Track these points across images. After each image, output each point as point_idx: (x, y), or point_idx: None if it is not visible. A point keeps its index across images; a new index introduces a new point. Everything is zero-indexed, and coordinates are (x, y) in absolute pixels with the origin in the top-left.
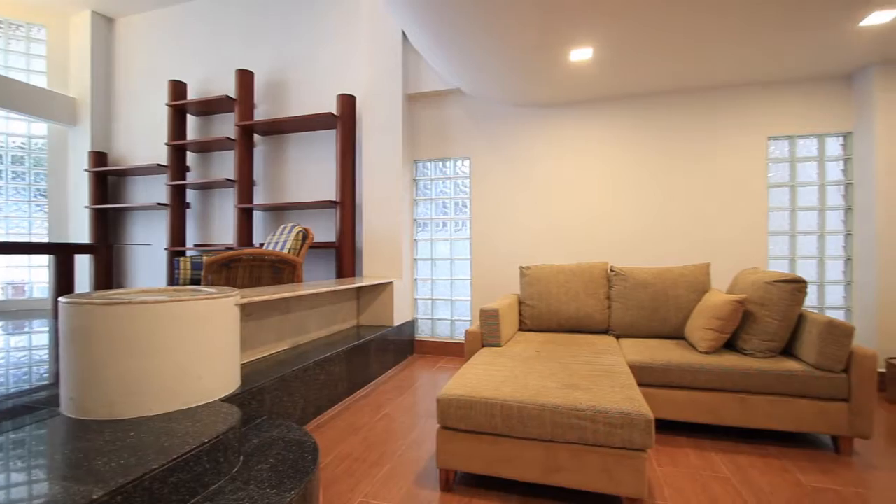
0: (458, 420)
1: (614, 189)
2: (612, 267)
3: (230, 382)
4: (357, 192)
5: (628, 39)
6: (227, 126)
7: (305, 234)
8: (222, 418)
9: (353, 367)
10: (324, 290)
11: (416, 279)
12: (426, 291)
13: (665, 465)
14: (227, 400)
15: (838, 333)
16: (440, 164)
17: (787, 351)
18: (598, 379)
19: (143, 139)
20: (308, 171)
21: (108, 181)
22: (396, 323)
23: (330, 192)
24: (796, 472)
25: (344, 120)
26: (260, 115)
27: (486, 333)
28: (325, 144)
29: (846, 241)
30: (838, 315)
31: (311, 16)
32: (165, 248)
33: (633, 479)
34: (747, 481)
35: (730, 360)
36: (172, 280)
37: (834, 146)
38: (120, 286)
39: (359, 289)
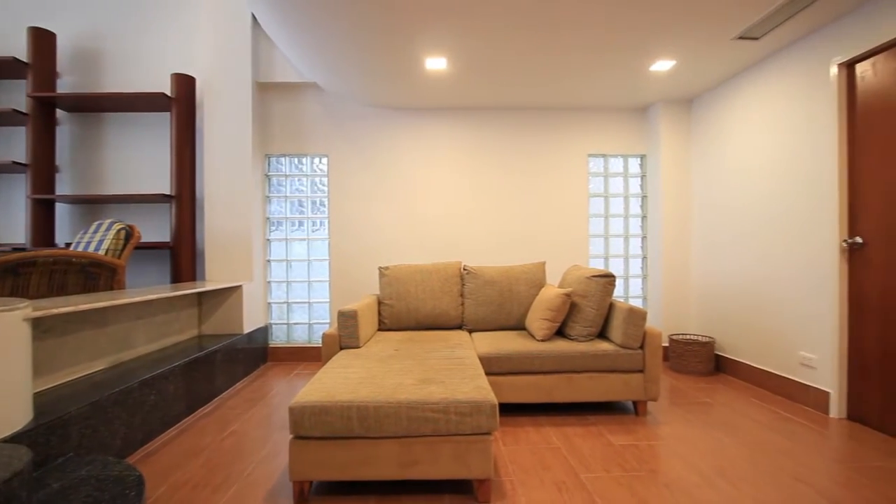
0: (312, 427)
1: (466, 193)
2: (464, 266)
3: (14, 418)
4: (198, 185)
5: (477, 57)
6: (15, 96)
7: (129, 233)
8: (1, 465)
9: (194, 383)
10: (153, 297)
11: (269, 282)
12: (281, 295)
13: (509, 444)
14: (12, 440)
15: (636, 317)
16: (295, 160)
17: (602, 335)
18: (451, 372)
19: None
20: (134, 159)
21: None
22: (247, 330)
23: (163, 184)
24: (608, 434)
25: (180, 103)
26: (66, 86)
27: (344, 335)
28: (157, 130)
29: (643, 242)
30: (638, 302)
31: None
32: None
33: (482, 462)
34: (573, 448)
35: (560, 346)
36: None
37: (634, 165)
38: None
39: (200, 294)
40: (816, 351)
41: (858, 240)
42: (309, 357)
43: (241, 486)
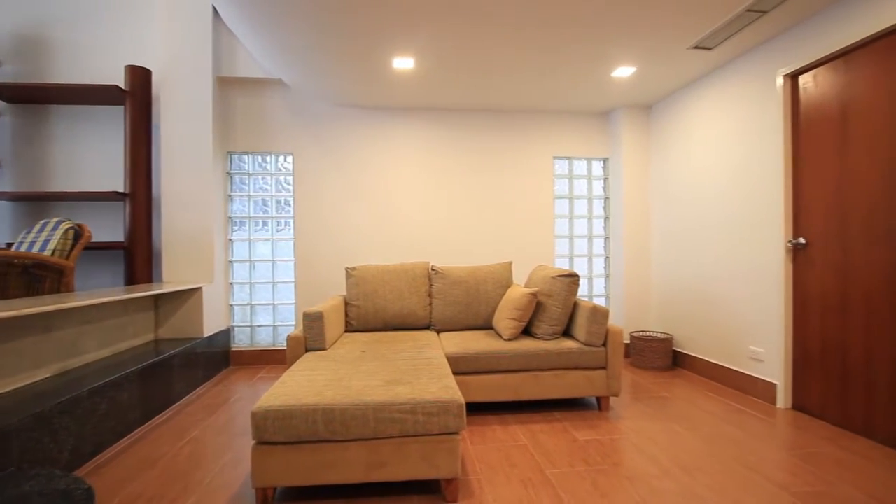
0: (276, 432)
1: (435, 194)
2: (433, 266)
3: None
4: (154, 183)
5: (445, 58)
6: None
7: (78, 232)
8: None
9: (150, 390)
10: (104, 300)
11: (231, 283)
12: (244, 296)
13: (477, 443)
14: None
15: (599, 316)
16: (259, 158)
17: (567, 333)
18: (419, 372)
19: None
20: (84, 155)
21: None
22: (207, 333)
23: (116, 182)
24: (573, 430)
25: (135, 96)
26: (7, 75)
27: (310, 337)
28: (110, 124)
29: (606, 243)
30: (601, 301)
31: None
32: None
33: (449, 461)
34: (539, 445)
35: (526, 345)
36: None
37: (598, 168)
38: None
39: (157, 297)
40: (764, 345)
41: (802, 241)
42: (273, 360)
43: (201, 496)
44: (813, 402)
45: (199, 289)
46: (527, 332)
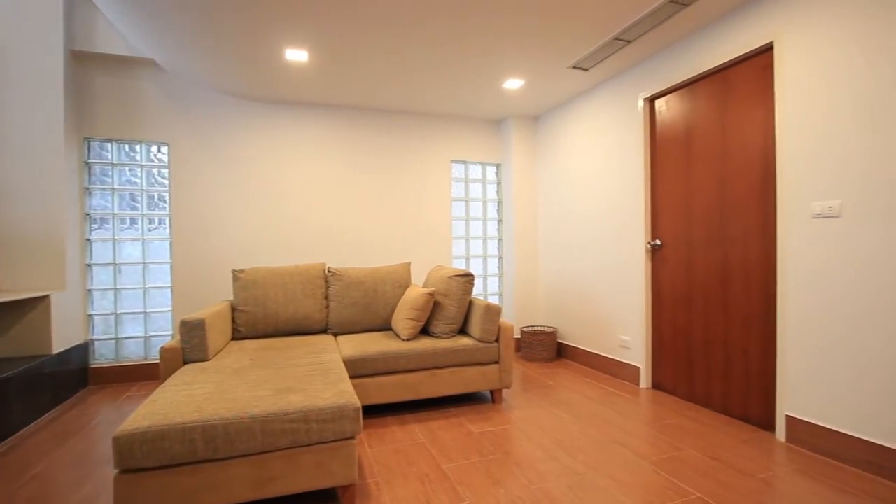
0: (145, 457)
1: (332, 193)
2: (329, 268)
3: None
4: None
5: (342, 55)
6: None
7: None
8: None
9: None
10: None
11: (90, 290)
12: (107, 305)
13: (375, 446)
14: None
15: (492, 313)
16: (126, 146)
17: (463, 330)
18: (313, 378)
19: None
20: None
21: None
22: (58, 349)
23: None
24: (468, 424)
25: None
26: None
27: (189, 348)
28: None
29: (499, 244)
30: (495, 299)
31: None
32: None
33: (345, 468)
34: (436, 441)
35: (424, 344)
36: None
37: (492, 172)
38: None
39: None
40: (631, 334)
41: (658, 242)
42: (145, 376)
43: None
44: (667, 381)
45: (46, 297)
46: (425, 331)
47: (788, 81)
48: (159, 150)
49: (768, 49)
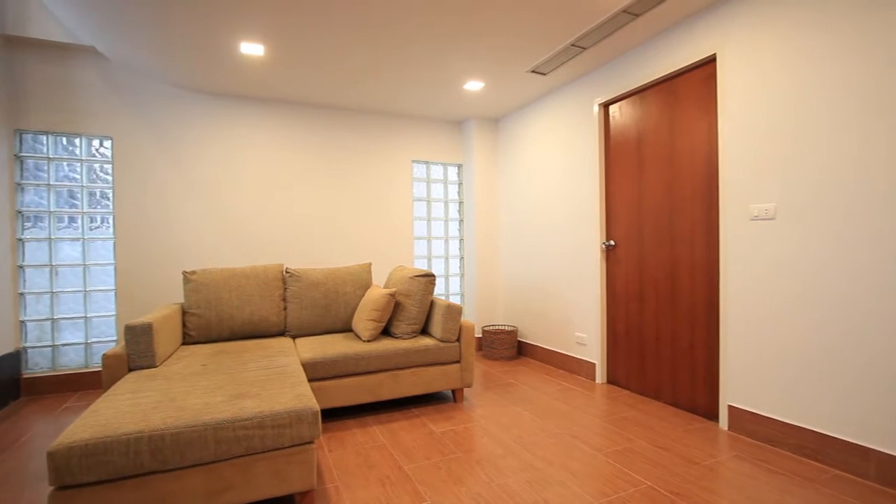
0: (85, 472)
1: (291, 193)
2: (287, 268)
3: None
4: None
5: (299, 51)
6: None
7: None
8: None
9: None
10: None
11: (22, 294)
12: (42, 310)
13: (335, 449)
14: None
15: (453, 313)
16: (64, 139)
17: (424, 331)
18: (270, 383)
19: None
20: None
21: None
22: None
23: None
24: (430, 424)
25: None
26: None
27: (135, 354)
28: None
29: (460, 244)
30: (457, 299)
31: None
32: None
33: (303, 473)
34: (397, 442)
35: (385, 345)
36: None
37: (453, 173)
38: None
39: None
40: (587, 331)
41: (612, 242)
42: (86, 385)
43: None
44: (621, 376)
45: None
46: (386, 332)
47: (729, 91)
48: (101, 145)
49: (711, 60)
